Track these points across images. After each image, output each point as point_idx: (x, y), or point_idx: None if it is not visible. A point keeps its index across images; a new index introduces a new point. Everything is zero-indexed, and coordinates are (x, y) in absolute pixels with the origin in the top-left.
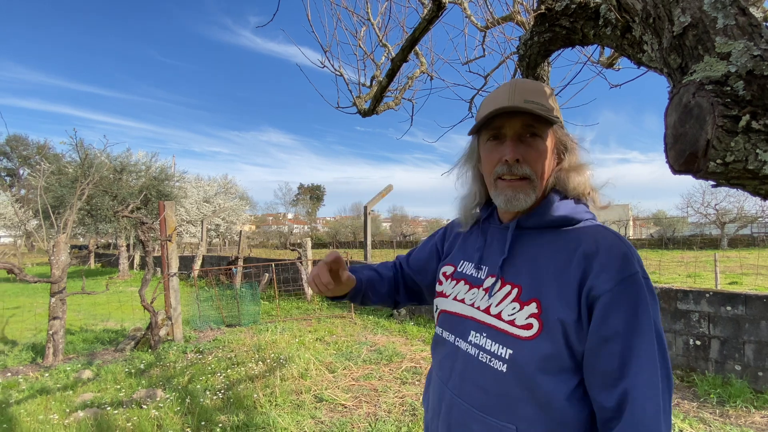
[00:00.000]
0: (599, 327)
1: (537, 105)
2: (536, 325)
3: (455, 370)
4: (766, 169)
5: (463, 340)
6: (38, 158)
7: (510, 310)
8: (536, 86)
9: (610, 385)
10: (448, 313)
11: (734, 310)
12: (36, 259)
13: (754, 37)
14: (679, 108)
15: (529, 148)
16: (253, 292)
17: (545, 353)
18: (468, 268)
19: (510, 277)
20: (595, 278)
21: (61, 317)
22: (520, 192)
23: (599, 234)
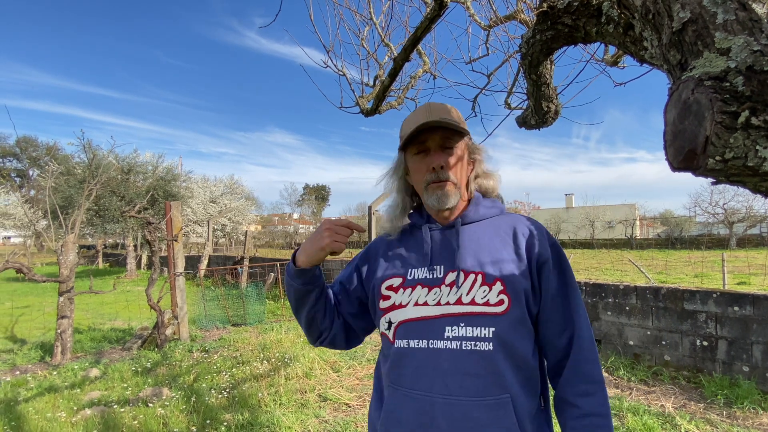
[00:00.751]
0: (547, 287)
1: (450, 120)
2: (506, 299)
3: (439, 371)
4: (766, 165)
5: (438, 340)
6: (47, 159)
7: (482, 293)
8: (446, 107)
9: (563, 328)
10: (411, 321)
11: (742, 311)
12: (45, 258)
13: (754, 32)
14: (678, 104)
15: (449, 156)
16: (259, 292)
17: (517, 320)
18: (420, 273)
19: (469, 267)
20: (540, 248)
21: (70, 316)
22: (449, 191)
23: (521, 218)
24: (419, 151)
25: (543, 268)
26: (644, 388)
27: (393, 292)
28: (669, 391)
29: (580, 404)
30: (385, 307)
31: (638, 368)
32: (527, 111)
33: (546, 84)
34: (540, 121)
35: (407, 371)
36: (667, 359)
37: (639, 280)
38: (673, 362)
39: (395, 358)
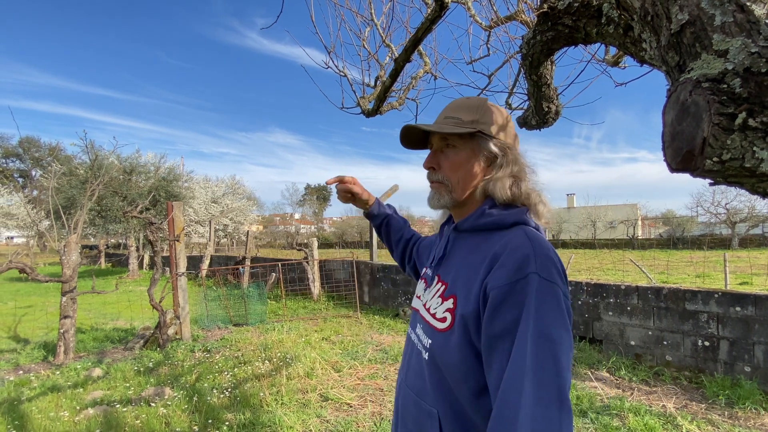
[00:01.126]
0: (487, 325)
1: (453, 119)
2: (449, 318)
3: (406, 358)
4: (763, 166)
5: (413, 331)
6: (50, 160)
7: (435, 304)
8: (462, 102)
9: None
10: (413, 309)
11: (744, 311)
12: (48, 258)
13: (752, 34)
14: (676, 106)
15: (444, 158)
16: (260, 292)
17: (452, 345)
18: (428, 270)
19: (443, 275)
20: (491, 276)
21: (72, 316)
22: (437, 193)
23: (515, 237)
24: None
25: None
26: (646, 389)
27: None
28: (670, 392)
29: None
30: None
31: (640, 368)
32: (528, 111)
33: (547, 84)
34: (541, 121)
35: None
36: (669, 359)
37: (641, 280)
38: (675, 362)
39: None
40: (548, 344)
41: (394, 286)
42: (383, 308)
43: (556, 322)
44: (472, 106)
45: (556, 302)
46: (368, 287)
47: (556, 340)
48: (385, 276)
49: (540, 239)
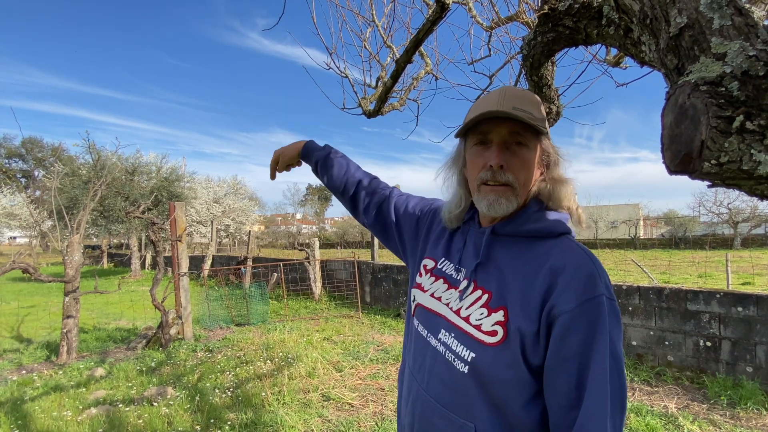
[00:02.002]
0: (558, 347)
1: (525, 113)
2: (501, 332)
3: (425, 364)
4: (760, 169)
5: (433, 337)
6: (52, 160)
7: (478, 314)
8: (526, 95)
9: (566, 406)
10: (424, 308)
11: (746, 311)
12: (51, 259)
13: (750, 37)
14: (675, 109)
15: (513, 155)
16: (262, 292)
17: (505, 361)
18: (449, 268)
19: (482, 282)
20: (557, 296)
21: (75, 316)
22: (503, 197)
23: (570, 250)
24: (480, 141)
25: (555, 323)
26: (647, 389)
27: (425, 272)
28: (672, 392)
29: None
30: (416, 282)
31: (641, 368)
32: None
33: (547, 85)
34: None
35: (413, 348)
36: (671, 360)
37: (642, 280)
38: (677, 363)
39: (409, 331)
40: (618, 363)
41: (395, 286)
42: (384, 308)
43: (620, 337)
44: (536, 102)
45: (618, 320)
46: (369, 287)
47: (622, 357)
48: (386, 276)
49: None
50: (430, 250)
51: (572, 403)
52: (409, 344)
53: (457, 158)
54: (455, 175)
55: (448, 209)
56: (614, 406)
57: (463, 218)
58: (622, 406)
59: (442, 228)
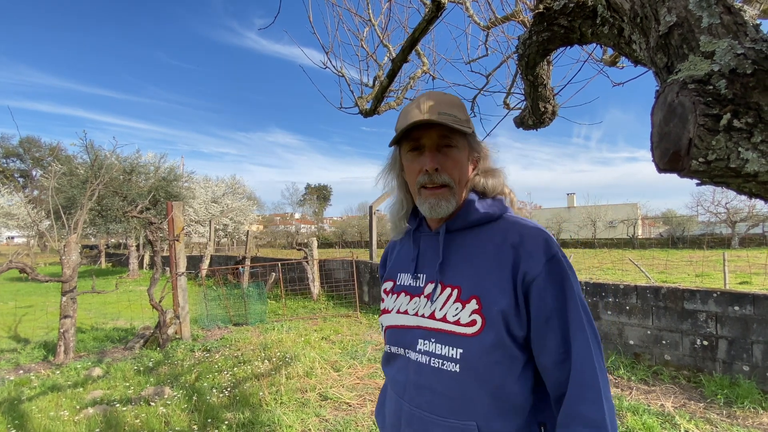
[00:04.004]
0: (539, 308)
1: (451, 117)
2: (479, 320)
3: (410, 382)
4: (748, 167)
5: (412, 351)
6: (50, 160)
7: (453, 311)
8: (449, 98)
9: (560, 361)
10: (394, 328)
11: (742, 310)
12: (49, 258)
13: (738, 35)
14: (664, 107)
15: (446, 157)
16: (260, 292)
17: (491, 345)
18: (406, 279)
19: (448, 279)
20: (526, 265)
21: (72, 316)
22: (442, 199)
23: (519, 225)
24: (413, 148)
25: (531, 287)
26: (644, 388)
27: (386, 295)
28: (669, 391)
29: None
30: (381, 308)
31: (638, 368)
32: (525, 111)
33: (543, 85)
34: (537, 121)
35: (391, 373)
36: (668, 359)
37: (640, 279)
38: (674, 362)
39: (386, 358)
40: (585, 307)
41: None
42: None
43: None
44: (460, 105)
45: (574, 272)
46: (368, 287)
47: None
48: None
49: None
50: (387, 275)
51: (563, 357)
52: (390, 370)
53: (394, 164)
54: (394, 180)
55: (391, 214)
56: (594, 346)
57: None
58: (598, 342)
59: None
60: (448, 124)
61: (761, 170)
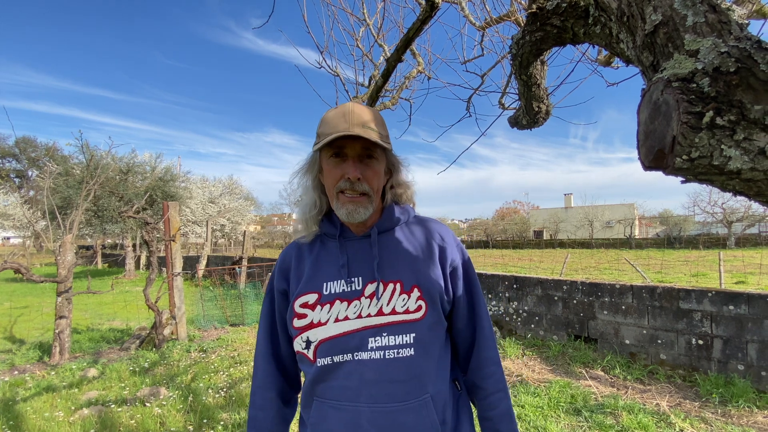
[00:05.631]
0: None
1: (375, 132)
2: (423, 305)
3: (364, 382)
4: (731, 164)
5: (363, 352)
6: (46, 160)
7: (401, 302)
8: (373, 113)
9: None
10: (333, 339)
11: (737, 310)
12: (44, 259)
13: (723, 34)
14: (649, 105)
15: (367, 168)
16: (257, 292)
17: (434, 322)
18: (337, 287)
19: (388, 276)
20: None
21: (68, 316)
22: (360, 206)
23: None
24: (335, 154)
25: (455, 272)
26: (640, 387)
27: (309, 309)
28: (664, 390)
29: (486, 385)
30: (301, 326)
31: (634, 367)
32: (519, 111)
33: (537, 85)
34: (531, 121)
35: (334, 384)
36: (663, 358)
37: (636, 279)
38: (669, 361)
39: (319, 375)
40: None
41: None
42: None
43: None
44: (381, 121)
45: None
46: None
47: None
48: None
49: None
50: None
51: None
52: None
53: (312, 166)
54: (309, 181)
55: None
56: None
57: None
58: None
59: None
60: (372, 139)
61: (744, 167)
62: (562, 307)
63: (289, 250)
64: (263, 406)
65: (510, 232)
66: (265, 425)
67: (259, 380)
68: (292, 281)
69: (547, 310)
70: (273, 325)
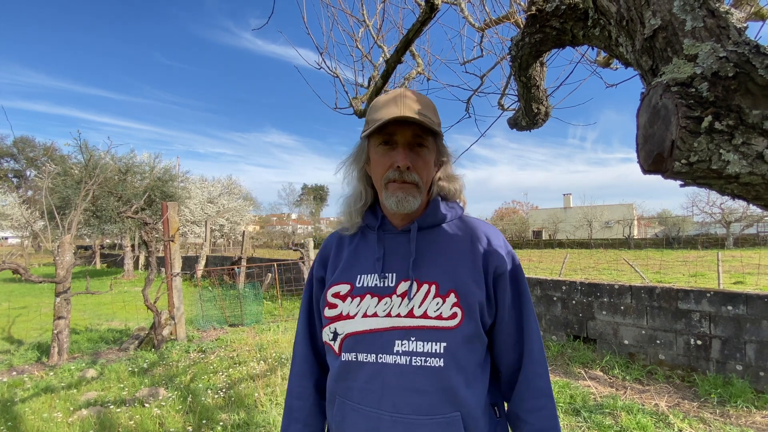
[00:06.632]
0: (503, 298)
1: (427, 118)
2: (459, 312)
3: (387, 388)
4: (729, 168)
5: (388, 354)
6: (44, 160)
7: (435, 306)
8: (424, 99)
9: (515, 341)
10: (359, 334)
11: (735, 310)
12: (43, 259)
13: (721, 38)
14: (648, 109)
15: (417, 156)
16: (256, 292)
17: (470, 335)
18: (370, 280)
19: (423, 276)
20: (496, 260)
21: (66, 317)
22: (410, 195)
23: (481, 224)
24: (384, 142)
25: (500, 280)
26: (639, 387)
27: (340, 300)
28: (663, 390)
29: (531, 420)
30: (331, 315)
31: (633, 367)
32: (518, 112)
33: (536, 86)
34: (530, 122)
35: (356, 385)
36: (662, 358)
37: (635, 279)
38: (668, 361)
39: (342, 371)
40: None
41: None
42: None
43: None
44: (433, 108)
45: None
46: None
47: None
48: None
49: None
50: (338, 277)
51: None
52: (354, 381)
53: (360, 156)
54: (356, 171)
55: (347, 204)
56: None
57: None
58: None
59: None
60: (425, 124)
61: (742, 172)
62: (561, 308)
63: (331, 238)
64: (300, 395)
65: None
66: (301, 416)
67: (296, 367)
68: (329, 269)
69: (546, 311)
70: (311, 312)
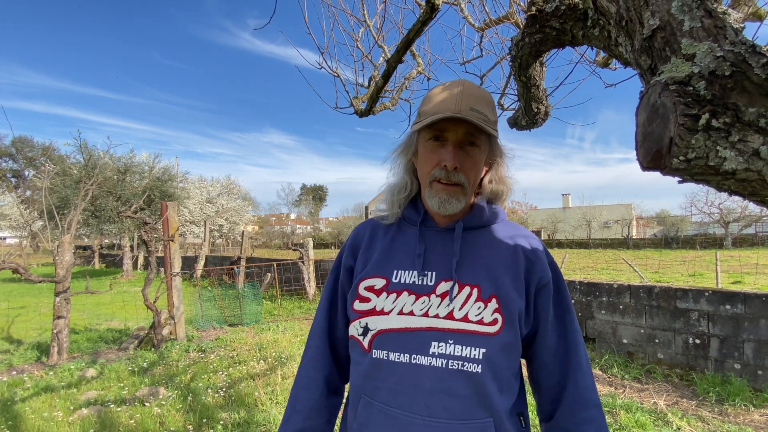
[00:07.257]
0: (546, 309)
1: (481, 115)
2: (500, 319)
3: (421, 390)
4: (726, 165)
5: (423, 356)
6: (43, 160)
7: (476, 310)
8: (483, 95)
9: (560, 352)
10: (393, 332)
11: (733, 309)
12: (42, 259)
13: (718, 38)
14: (647, 107)
15: (467, 156)
16: (256, 292)
17: (509, 343)
18: (408, 277)
19: (465, 278)
20: (540, 269)
21: (66, 317)
22: (453, 197)
23: (523, 231)
24: (434, 137)
25: (542, 291)
26: (637, 386)
27: (374, 294)
28: (662, 389)
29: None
30: (363, 309)
31: (632, 366)
32: (518, 112)
33: (536, 86)
34: (530, 122)
35: (385, 385)
36: (661, 357)
37: (634, 279)
38: (666, 360)
39: (371, 369)
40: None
41: None
42: None
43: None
44: (491, 103)
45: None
46: None
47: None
48: None
49: None
50: (373, 270)
51: (560, 351)
52: (383, 382)
53: (408, 147)
54: (403, 162)
55: (392, 192)
56: (582, 341)
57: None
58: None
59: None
60: (478, 124)
61: (739, 168)
62: None
63: (364, 227)
64: (308, 386)
65: None
66: (305, 408)
67: (308, 358)
68: (359, 260)
69: None
70: (334, 301)
